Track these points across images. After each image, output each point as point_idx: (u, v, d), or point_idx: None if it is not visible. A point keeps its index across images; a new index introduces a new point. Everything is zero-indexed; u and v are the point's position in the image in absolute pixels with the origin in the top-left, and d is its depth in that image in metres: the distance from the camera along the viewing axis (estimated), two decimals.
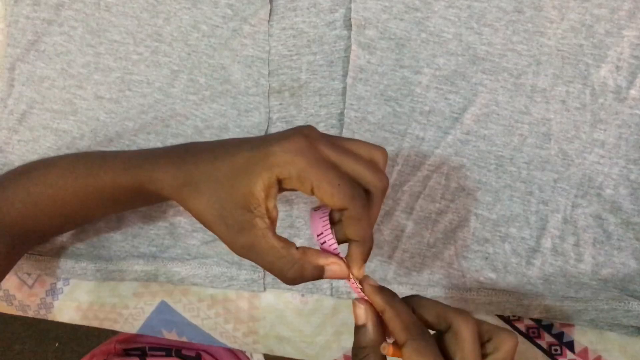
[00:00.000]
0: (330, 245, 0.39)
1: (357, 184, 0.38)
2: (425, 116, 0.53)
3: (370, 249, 0.39)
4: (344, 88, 0.54)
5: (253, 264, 0.53)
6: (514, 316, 0.54)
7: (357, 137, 0.53)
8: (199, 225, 0.55)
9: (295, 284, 0.39)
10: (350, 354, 0.54)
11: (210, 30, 0.54)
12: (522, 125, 0.53)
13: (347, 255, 0.39)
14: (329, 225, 0.39)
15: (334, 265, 0.39)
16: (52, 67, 0.55)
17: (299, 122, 0.54)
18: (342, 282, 0.54)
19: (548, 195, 0.52)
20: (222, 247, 0.54)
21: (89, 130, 0.55)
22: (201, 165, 0.39)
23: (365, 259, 0.39)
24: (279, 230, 0.54)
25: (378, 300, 0.38)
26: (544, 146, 0.52)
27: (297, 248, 0.39)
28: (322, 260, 0.39)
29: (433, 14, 0.53)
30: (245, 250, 0.38)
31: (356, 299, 0.39)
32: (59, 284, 0.57)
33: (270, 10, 0.54)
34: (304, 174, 0.37)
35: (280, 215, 0.55)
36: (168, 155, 0.42)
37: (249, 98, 0.54)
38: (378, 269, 0.54)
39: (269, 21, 0.54)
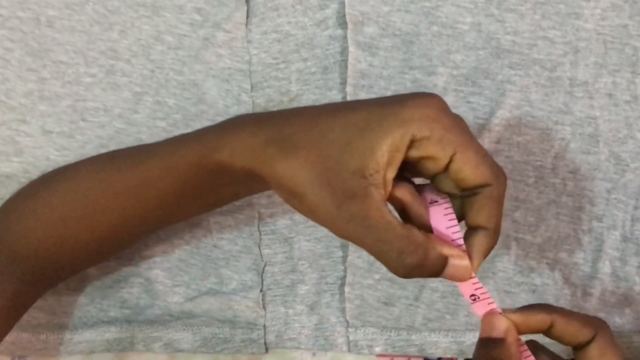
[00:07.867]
0: (460, 245, 0.36)
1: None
2: None
3: (496, 242, 0.37)
4: (344, 98, 0.50)
5: (249, 320, 0.49)
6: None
7: None
8: (181, 278, 0.50)
9: (410, 277, 0.35)
10: None
11: (177, 40, 0.51)
12: (562, 127, 0.50)
13: (469, 246, 0.36)
14: (456, 221, 0.36)
15: (458, 260, 0.36)
16: None
17: None
18: (360, 335, 0.50)
19: (601, 209, 0.50)
20: (210, 303, 0.50)
21: (38, 172, 0.51)
22: (296, 121, 0.36)
23: (488, 253, 0.37)
24: (277, 277, 0.50)
25: (542, 315, 0.36)
26: (592, 150, 0.50)
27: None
28: (446, 250, 0.35)
29: (444, 1, 0.49)
30: (355, 223, 0.34)
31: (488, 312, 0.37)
32: None
33: (248, 11, 0.50)
34: (448, 135, 0.34)
35: (279, 258, 0.51)
36: (242, 120, 0.38)
37: None
38: (403, 313, 0.50)
39: (246, 25, 0.50)
